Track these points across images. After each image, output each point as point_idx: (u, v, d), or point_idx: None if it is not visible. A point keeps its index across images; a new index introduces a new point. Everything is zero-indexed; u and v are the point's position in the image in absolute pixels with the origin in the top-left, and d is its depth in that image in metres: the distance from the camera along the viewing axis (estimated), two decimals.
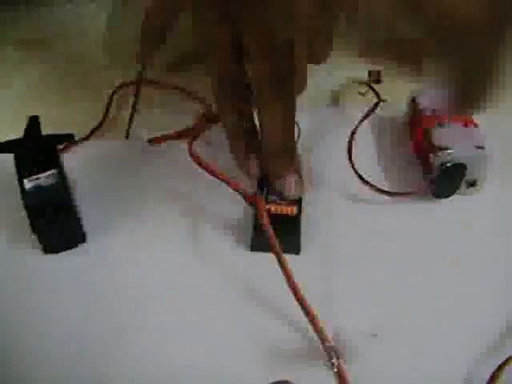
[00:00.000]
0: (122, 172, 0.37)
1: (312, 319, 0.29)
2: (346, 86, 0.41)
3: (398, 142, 0.38)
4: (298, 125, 0.36)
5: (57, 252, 0.32)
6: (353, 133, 0.35)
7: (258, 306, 0.31)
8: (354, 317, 0.30)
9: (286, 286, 0.30)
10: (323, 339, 0.29)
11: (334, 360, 0.28)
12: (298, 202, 0.34)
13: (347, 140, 0.35)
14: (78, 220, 0.32)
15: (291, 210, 0.33)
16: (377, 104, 0.37)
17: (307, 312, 0.29)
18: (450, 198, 0.35)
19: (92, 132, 0.38)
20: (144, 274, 0.32)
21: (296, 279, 0.30)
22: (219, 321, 0.30)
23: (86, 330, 0.30)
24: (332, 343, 0.29)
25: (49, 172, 0.31)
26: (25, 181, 0.31)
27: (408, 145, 0.38)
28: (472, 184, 0.35)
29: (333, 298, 0.31)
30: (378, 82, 0.41)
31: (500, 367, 0.28)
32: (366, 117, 0.36)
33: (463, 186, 0.35)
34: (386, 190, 0.34)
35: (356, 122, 0.36)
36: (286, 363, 0.29)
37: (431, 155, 0.34)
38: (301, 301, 0.30)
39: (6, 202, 0.34)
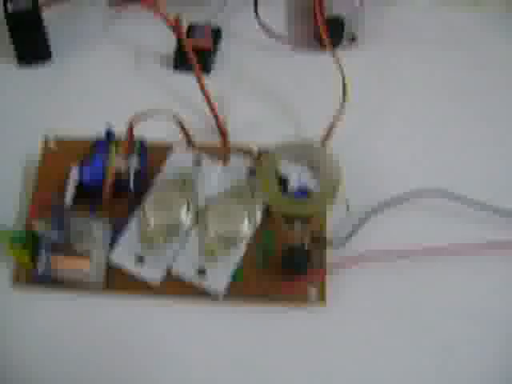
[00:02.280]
0: (85, 17, 0.47)
1: (213, 110, 0.40)
2: None
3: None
4: None
5: (28, 63, 0.43)
6: None
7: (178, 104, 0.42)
8: (241, 116, 0.41)
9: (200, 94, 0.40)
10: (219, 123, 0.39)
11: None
12: (214, 37, 0.45)
13: None
14: (45, 37, 0.43)
15: (208, 45, 0.44)
16: None
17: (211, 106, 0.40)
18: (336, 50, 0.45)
19: None
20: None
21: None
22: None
23: None
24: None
25: None
26: None
27: None
28: (352, 39, 0.45)
29: (229, 105, 0.42)
30: None
31: None
32: None
33: (345, 40, 0.45)
34: (276, 34, 0.45)
35: None
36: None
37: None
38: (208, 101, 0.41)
39: None
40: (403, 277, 0.34)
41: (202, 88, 0.40)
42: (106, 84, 0.43)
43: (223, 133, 0.38)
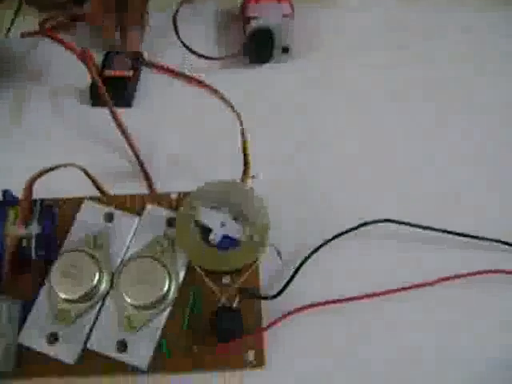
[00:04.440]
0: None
1: (134, 150, 0.37)
2: None
3: (235, 28, 0.45)
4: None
5: None
6: (175, 14, 0.42)
7: (99, 146, 0.38)
8: (165, 150, 0.38)
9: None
10: (141, 165, 0.36)
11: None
12: (136, 66, 0.41)
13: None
14: None
15: (127, 75, 0.40)
16: None
17: (131, 145, 0.37)
18: (267, 65, 0.42)
19: None
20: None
21: (129, 126, 0.37)
22: (63, 154, 0.37)
23: None
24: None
25: None
26: None
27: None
28: (284, 50, 0.42)
29: (156, 140, 0.38)
30: None
31: None
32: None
33: (277, 52, 0.42)
34: (206, 55, 0.41)
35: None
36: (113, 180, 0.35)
37: (245, 25, 0.41)
38: (127, 139, 0.37)
39: None
40: (342, 323, 0.30)
41: (122, 129, 0.37)
42: (19, 129, 0.39)
43: (149, 180, 0.35)
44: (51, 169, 0.30)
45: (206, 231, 0.29)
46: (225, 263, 0.29)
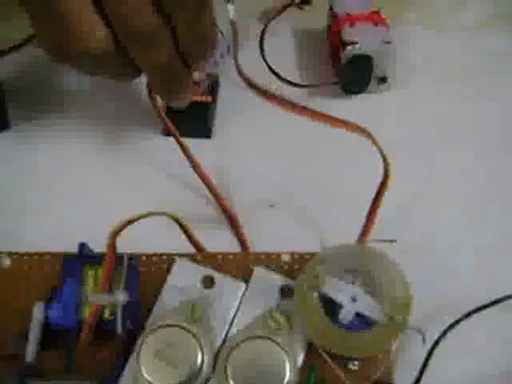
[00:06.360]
0: (47, 77, 0.38)
1: (215, 194, 0.31)
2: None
3: (319, 51, 0.39)
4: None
5: None
6: (264, 28, 0.37)
7: (170, 182, 0.33)
8: (253, 190, 0.32)
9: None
10: (228, 214, 0.31)
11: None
12: (213, 90, 0.35)
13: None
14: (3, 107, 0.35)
15: (205, 97, 0.35)
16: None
17: (211, 189, 0.31)
18: (362, 95, 0.37)
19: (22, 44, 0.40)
20: (57, 158, 0.34)
21: (205, 160, 0.32)
22: (132, 194, 0.32)
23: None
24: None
25: None
26: None
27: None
28: (382, 80, 0.37)
29: (233, 176, 0.33)
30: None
31: None
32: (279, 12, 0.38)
33: (373, 82, 0.37)
34: (295, 82, 0.36)
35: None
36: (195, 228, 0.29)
37: (341, 51, 0.36)
38: (204, 179, 0.32)
39: None
40: None
41: (202, 176, 0.31)
42: (79, 166, 0.34)
43: (244, 243, 0.29)
44: (139, 218, 0.24)
45: (331, 306, 0.24)
46: (357, 348, 0.23)
